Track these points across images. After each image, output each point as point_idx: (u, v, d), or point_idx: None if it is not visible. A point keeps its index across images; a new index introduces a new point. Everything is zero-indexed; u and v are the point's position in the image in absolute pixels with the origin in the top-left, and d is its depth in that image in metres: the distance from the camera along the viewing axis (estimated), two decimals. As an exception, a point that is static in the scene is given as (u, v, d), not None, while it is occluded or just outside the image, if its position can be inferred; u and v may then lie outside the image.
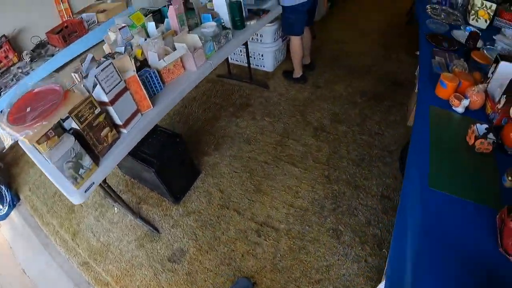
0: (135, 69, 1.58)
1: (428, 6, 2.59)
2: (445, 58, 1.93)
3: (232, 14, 2.33)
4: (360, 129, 2.75)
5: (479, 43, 1.95)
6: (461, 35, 2.18)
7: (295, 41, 2.91)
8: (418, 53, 2.22)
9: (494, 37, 2.05)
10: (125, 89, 1.52)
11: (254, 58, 3.41)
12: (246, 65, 3.20)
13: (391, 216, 2.07)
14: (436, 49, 2.03)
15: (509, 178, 1.12)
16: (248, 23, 2.46)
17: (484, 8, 2.22)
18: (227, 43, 2.23)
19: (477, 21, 2.28)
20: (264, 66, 3.46)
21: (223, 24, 2.32)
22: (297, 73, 3.22)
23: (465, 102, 1.43)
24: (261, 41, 3.22)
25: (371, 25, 4.41)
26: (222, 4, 2.27)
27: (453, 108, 1.51)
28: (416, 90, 2.52)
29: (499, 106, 1.31)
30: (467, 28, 2.21)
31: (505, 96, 1.27)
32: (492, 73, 1.49)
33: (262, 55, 3.33)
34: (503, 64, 1.42)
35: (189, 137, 2.77)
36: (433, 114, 1.52)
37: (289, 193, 2.29)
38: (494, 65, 1.48)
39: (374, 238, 1.97)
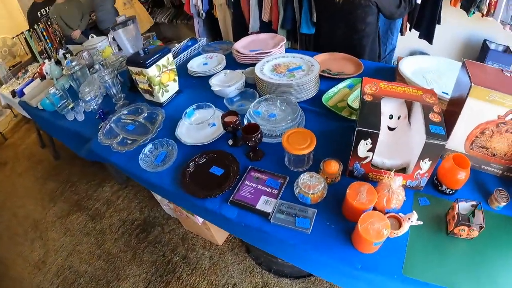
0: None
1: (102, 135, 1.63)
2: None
3: None
4: None
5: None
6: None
7: None
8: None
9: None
10: None
11: None
12: None
13: None
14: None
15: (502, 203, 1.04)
16: None
17: (164, 68, 1.64)
18: None
19: (166, 92, 1.71)
20: None
21: None
22: None
23: (414, 218, 0.96)
24: None
25: (29, 200, 3.27)
26: None
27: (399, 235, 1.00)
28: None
29: (422, 171, 1.07)
30: (189, 112, 1.50)
31: (428, 159, 1.04)
32: (371, 150, 1.07)
33: None
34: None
35: None
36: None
37: None
38: (363, 141, 1.04)
39: None
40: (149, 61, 1.56)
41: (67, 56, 2.22)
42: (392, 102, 1.18)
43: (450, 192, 1.12)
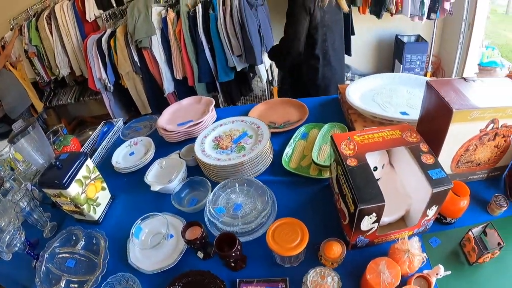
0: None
1: None
2: None
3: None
4: None
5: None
6: None
7: None
8: None
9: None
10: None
11: None
12: None
13: None
14: None
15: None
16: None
17: (87, 180, 1.35)
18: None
19: (98, 206, 1.26)
20: None
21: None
22: None
23: (441, 271, 0.92)
24: None
25: None
26: None
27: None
28: None
29: (428, 217, 1.02)
30: (136, 231, 1.15)
31: (434, 205, 0.98)
32: (377, 222, 0.95)
33: None
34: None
35: None
36: None
37: None
38: (366, 217, 0.93)
39: None
40: (66, 178, 1.25)
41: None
42: (374, 154, 1.08)
43: (454, 222, 1.11)
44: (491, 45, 4.13)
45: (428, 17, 2.94)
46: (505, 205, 1.08)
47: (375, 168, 1.11)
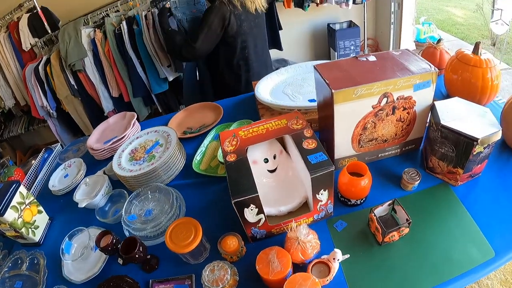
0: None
1: None
2: None
3: None
4: None
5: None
6: None
7: None
8: None
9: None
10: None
11: None
12: None
13: None
14: None
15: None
16: None
17: (22, 205, 1.41)
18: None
19: (36, 228, 1.39)
20: None
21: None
22: None
23: (338, 255, 0.90)
24: None
25: None
26: None
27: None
28: None
29: (323, 202, 1.00)
30: (65, 247, 1.30)
31: (323, 190, 0.96)
32: (260, 212, 0.98)
33: None
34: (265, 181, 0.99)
35: None
36: None
37: None
38: (246, 210, 0.97)
39: None
40: (1, 206, 1.37)
41: None
42: (261, 146, 1.12)
43: (361, 202, 1.08)
44: (428, 21, 4.33)
45: (354, 2, 3.08)
46: (418, 178, 1.04)
47: (266, 160, 1.17)
